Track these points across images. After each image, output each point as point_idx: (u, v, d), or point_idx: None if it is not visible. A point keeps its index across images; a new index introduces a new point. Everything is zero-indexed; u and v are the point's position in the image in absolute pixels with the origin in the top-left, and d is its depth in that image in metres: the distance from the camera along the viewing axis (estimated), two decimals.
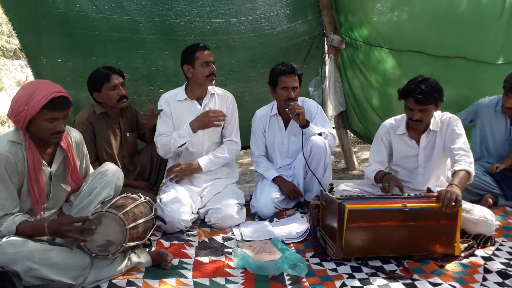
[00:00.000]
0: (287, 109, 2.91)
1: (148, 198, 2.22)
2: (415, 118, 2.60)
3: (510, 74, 3.12)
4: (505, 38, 3.47)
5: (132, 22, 3.36)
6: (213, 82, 2.93)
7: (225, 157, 2.99)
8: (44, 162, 2.08)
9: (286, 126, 3.14)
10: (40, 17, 3.12)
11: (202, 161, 2.91)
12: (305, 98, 3.21)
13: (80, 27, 3.23)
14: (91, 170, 2.42)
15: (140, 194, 2.21)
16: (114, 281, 1.96)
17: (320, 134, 2.94)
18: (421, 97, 2.51)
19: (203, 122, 2.79)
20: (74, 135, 2.26)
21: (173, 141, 2.85)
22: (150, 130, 3.05)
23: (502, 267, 2.15)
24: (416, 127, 2.70)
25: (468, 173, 2.39)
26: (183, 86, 3.01)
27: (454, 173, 2.40)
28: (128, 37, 3.40)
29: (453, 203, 2.14)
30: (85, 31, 3.26)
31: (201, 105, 2.94)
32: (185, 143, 2.86)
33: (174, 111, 2.93)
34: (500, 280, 2.03)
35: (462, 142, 2.59)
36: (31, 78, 3.66)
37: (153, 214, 2.18)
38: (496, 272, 2.08)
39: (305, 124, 2.91)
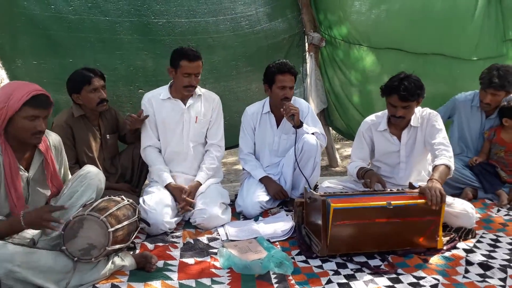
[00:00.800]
0: (281, 109, 2.90)
1: (131, 200, 2.18)
2: (399, 115, 2.62)
3: (485, 70, 3.18)
4: (480, 35, 3.55)
5: (109, 22, 3.31)
6: (191, 93, 2.88)
7: (216, 166, 3.00)
8: (21, 166, 2.02)
9: (278, 125, 3.13)
10: (14, 19, 3.05)
11: (201, 180, 2.89)
12: (295, 98, 3.19)
13: (56, 28, 3.17)
14: (69, 176, 2.36)
15: (123, 196, 2.18)
16: (97, 285, 1.93)
17: (312, 134, 2.95)
18: (405, 94, 2.53)
19: (176, 194, 2.76)
20: (53, 139, 2.20)
21: (154, 173, 2.88)
22: (132, 132, 2.99)
23: (483, 258, 2.20)
24: (398, 123, 2.73)
25: (448, 167, 2.43)
26: (167, 85, 2.96)
27: (434, 168, 2.43)
28: (105, 38, 3.34)
29: (440, 199, 2.16)
30: (61, 32, 3.19)
31: (185, 104, 2.90)
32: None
33: (158, 111, 2.89)
34: (481, 271, 2.07)
35: (442, 137, 2.63)
36: (6, 81, 3.55)
37: (136, 216, 2.14)
38: (477, 264, 2.13)
39: (299, 125, 2.91)
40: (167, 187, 2.80)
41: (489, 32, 3.55)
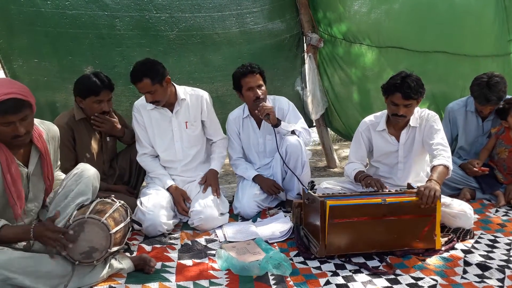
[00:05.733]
0: (256, 111, 2.90)
1: (122, 201, 2.16)
2: (401, 113, 2.61)
3: (475, 87, 3.10)
4: (486, 33, 3.51)
5: (108, 17, 3.26)
6: (159, 105, 2.81)
7: (226, 154, 3.08)
8: (19, 162, 1.98)
9: (259, 126, 3.13)
10: (12, 16, 3.01)
11: (217, 167, 2.98)
12: (275, 96, 3.20)
13: (53, 25, 3.12)
14: (59, 172, 2.34)
15: (113, 198, 2.14)
16: (95, 287, 1.93)
17: (293, 132, 2.94)
18: (409, 91, 2.52)
19: (175, 197, 2.77)
20: (52, 131, 2.16)
21: (155, 178, 2.87)
22: (122, 134, 2.96)
23: (481, 259, 2.20)
24: (398, 123, 2.72)
25: (446, 167, 2.43)
26: None
27: (433, 168, 2.43)
28: (104, 34, 3.30)
29: (431, 200, 2.17)
30: (59, 29, 3.15)
31: (172, 111, 2.88)
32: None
33: (147, 121, 2.88)
34: (479, 272, 2.08)
35: (440, 137, 2.63)
36: None
37: (129, 218, 2.13)
38: (475, 264, 2.13)
39: (276, 123, 2.90)
40: (168, 189, 2.80)
41: (494, 30, 3.51)
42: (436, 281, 2.00)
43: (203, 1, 3.55)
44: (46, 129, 2.13)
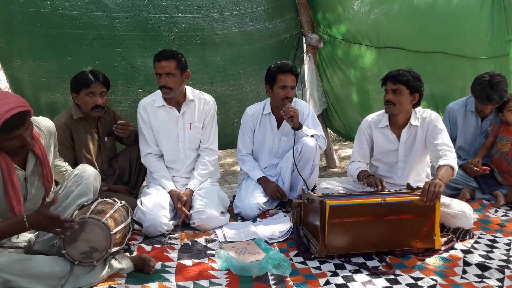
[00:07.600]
0: (281, 111, 2.89)
1: (123, 202, 2.17)
2: (387, 98, 2.66)
3: (476, 87, 3.11)
4: (484, 34, 3.51)
5: (108, 18, 3.26)
6: (167, 96, 2.80)
7: (209, 171, 2.97)
8: (17, 166, 1.98)
9: (278, 126, 3.11)
10: (12, 17, 3.02)
11: (194, 188, 2.84)
12: (296, 99, 3.17)
13: (53, 25, 3.12)
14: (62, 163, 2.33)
15: (114, 198, 2.15)
16: (95, 287, 1.92)
17: (312, 136, 2.94)
18: (396, 75, 2.62)
19: (174, 200, 2.74)
20: (49, 128, 2.15)
21: (157, 180, 2.85)
22: (127, 136, 2.97)
23: (481, 259, 2.21)
24: (390, 111, 2.72)
25: (451, 168, 2.44)
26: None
27: (438, 168, 2.44)
28: (104, 35, 3.29)
29: (436, 195, 2.18)
30: (58, 29, 3.15)
31: (179, 111, 2.88)
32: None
33: (153, 119, 2.87)
34: (479, 272, 2.08)
35: (445, 137, 2.64)
36: (4, 81, 3.51)
37: (130, 218, 2.14)
38: (475, 264, 2.13)
39: (298, 127, 2.90)
40: (169, 193, 2.79)
41: (493, 31, 3.50)
42: (436, 281, 2.00)
43: (203, 2, 3.54)
44: (42, 128, 2.11)
